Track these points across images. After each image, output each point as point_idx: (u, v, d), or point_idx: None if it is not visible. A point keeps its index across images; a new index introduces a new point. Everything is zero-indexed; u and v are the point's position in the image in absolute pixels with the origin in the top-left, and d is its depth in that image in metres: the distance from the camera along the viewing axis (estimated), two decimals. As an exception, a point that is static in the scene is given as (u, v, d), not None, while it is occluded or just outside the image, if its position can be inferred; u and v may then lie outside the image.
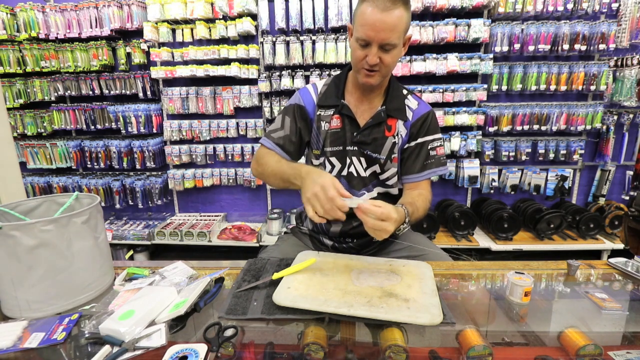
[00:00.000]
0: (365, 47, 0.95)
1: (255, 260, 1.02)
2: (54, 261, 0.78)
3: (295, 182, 0.94)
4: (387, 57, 0.96)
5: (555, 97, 2.68)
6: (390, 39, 0.92)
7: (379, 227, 0.80)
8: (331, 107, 1.11)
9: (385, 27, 0.90)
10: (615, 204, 2.65)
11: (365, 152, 1.10)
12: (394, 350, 0.64)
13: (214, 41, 2.70)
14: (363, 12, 0.91)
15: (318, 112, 1.12)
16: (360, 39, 0.94)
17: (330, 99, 1.11)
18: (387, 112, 1.09)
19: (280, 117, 1.14)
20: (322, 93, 1.13)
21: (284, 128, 1.11)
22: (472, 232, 2.62)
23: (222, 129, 2.83)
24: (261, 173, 1.08)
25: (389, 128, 1.09)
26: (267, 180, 1.09)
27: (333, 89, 1.13)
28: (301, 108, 1.13)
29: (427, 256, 1.13)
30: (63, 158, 2.95)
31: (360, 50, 0.96)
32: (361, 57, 0.97)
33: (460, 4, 2.41)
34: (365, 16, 0.91)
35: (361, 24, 0.92)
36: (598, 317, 0.79)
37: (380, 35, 0.91)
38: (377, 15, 0.89)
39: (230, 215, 3.14)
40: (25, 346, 0.67)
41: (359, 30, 0.93)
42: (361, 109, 1.11)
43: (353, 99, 1.11)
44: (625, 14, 2.46)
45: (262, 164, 1.08)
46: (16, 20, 2.73)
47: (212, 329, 0.71)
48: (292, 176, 0.95)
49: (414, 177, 1.11)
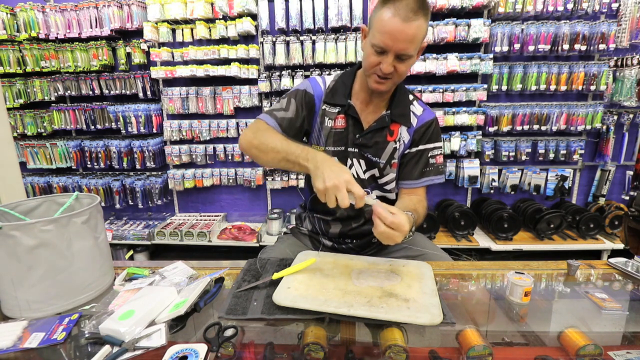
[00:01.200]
0: (381, 54, 0.92)
1: (255, 260, 1.02)
2: (54, 261, 0.78)
3: (303, 164, 0.86)
4: (401, 67, 0.94)
5: (555, 97, 2.68)
6: (407, 49, 0.90)
7: (389, 235, 0.79)
8: (337, 106, 1.09)
9: (404, 38, 0.88)
10: (615, 204, 2.65)
11: (366, 155, 1.09)
12: (394, 350, 0.64)
13: (214, 41, 2.70)
14: (383, 18, 0.88)
15: (323, 107, 1.10)
16: (377, 46, 0.91)
17: (337, 97, 1.09)
18: (392, 117, 1.08)
19: (286, 99, 1.09)
20: (329, 89, 1.11)
21: (289, 110, 1.07)
22: (472, 232, 2.62)
23: (222, 129, 2.83)
24: (257, 146, 0.96)
25: (391, 133, 1.09)
26: (259, 155, 0.97)
27: (341, 87, 1.10)
28: (309, 96, 1.10)
29: (427, 256, 1.13)
30: (63, 158, 2.95)
31: (374, 57, 0.93)
32: (375, 63, 0.94)
33: (460, 4, 2.41)
34: (384, 23, 0.88)
35: (380, 30, 0.89)
36: (598, 317, 0.79)
37: (398, 45, 0.89)
38: (397, 25, 0.86)
39: (230, 215, 3.14)
40: (25, 346, 0.67)
41: (377, 37, 0.90)
42: (366, 111, 1.10)
43: (359, 100, 1.10)
44: (625, 14, 2.45)
45: (261, 137, 0.97)
46: (16, 20, 2.73)
47: (212, 329, 0.71)
48: (301, 157, 0.87)
49: (411, 183, 1.11)
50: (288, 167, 0.92)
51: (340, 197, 0.76)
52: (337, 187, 0.76)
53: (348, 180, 0.77)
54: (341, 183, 0.76)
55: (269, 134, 0.98)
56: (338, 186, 0.76)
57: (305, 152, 0.87)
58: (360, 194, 0.77)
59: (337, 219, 1.16)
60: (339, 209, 1.14)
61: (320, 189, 0.78)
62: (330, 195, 0.77)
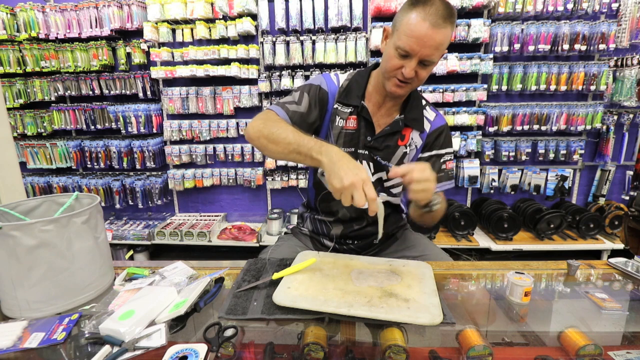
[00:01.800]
0: (404, 58, 0.90)
1: (255, 260, 1.02)
2: (54, 261, 0.78)
3: (316, 157, 0.82)
4: (423, 72, 0.93)
5: (555, 97, 2.68)
6: (432, 56, 0.89)
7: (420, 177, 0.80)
8: (350, 106, 1.07)
9: (432, 44, 0.86)
10: (615, 204, 2.65)
11: (376, 158, 1.08)
12: (394, 350, 0.64)
13: (214, 41, 2.70)
14: (411, 22, 0.86)
15: (336, 105, 1.08)
16: (402, 49, 0.89)
17: (351, 98, 1.07)
18: (405, 121, 1.06)
19: (299, 92, 1.05)
20: (343, 87, 1.09)
21: (301, 105, 1.03)
22: (472, 232, 2.62)
23: (222, 129, 2.83)
24: (267, 135, 0.91)
25: (402, 137, 1.08)
26: (267, 145, 0.92)
27: (355, 87, 1.08)
28: (323, 92, 1.07)
29: (427, 256, 1.13)
30: (63, 158, 2.95)
31: (397, 60, 0.91)
32: (397, 66, 0.92)
33: (460, 4, 2.41)
34: (412, 27, 0.86)
35: (407, 34, 0.87)
36: (598, 317, 0.79)
37: (424, 51, 0.87)
38: (426, 30, 0.85)
39: (230, 215, 3.14)
40: (25, 346, 0.67)
41: (403, 40, 0.88)
42: (378, 114, 1.08)
43: (372, 102, 1.08)
44: (625, 14, 2.46)
45: (271, 127, 0.92)
46: (16, 20, 2.73)
47: (212, 329, 0.71)
48: (314, 150, 0.83)
49: None
50: (298, 159, 0.87)
51: (358, 197, 0.73)
52: (355, 185, 0.73)
53: (365, 179, 0.75)
54: (359, 182, 0.74)
55: (280, 124, 0.93)
56: (356, 185, 0.73)
57: (319, 146, 0.83)
58: (373, 197, 0.75)
59: (339, 220, 1.16)
60: (341, 210, 1.14)
61: (337, 187, 0.75)
62: (347, 195, 0.75)
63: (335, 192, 0.76)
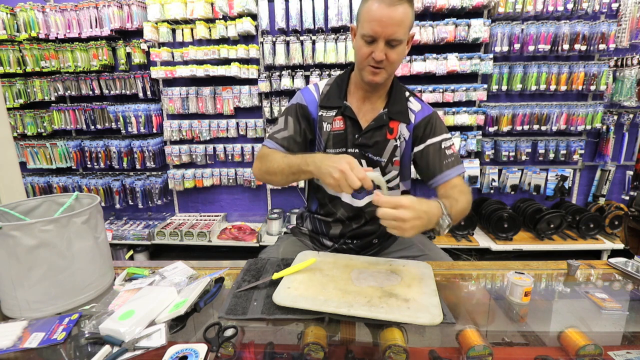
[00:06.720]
0: (372, 43, 0.94)
1: (255, 260, 1.02)
2: (54, 261, 0.78)
3: (306, 169, 0.90)
4: (392, 54, 0.96)
5: (555, 97, 2.68)
6: (396, 34, 0.92)
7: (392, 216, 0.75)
8: (333, 109, 1.10)
9: (392, 22, 0.90)
10: (615, 204, 2.65)
11: (367, 155, 1.09)
12: (394, 350, 0.64)
13: (214, 41, 2.70)
14: (369, 8, 0.92)
15: (320, 113, 1.11)
16: (367, 35, 0.93)
17: (332, 100, 1.10)
18: (390, 114, 1.08)
19: (282, 118, 1.12)
20: (324, 93, 1.12)
21: (287, 128, 1.10)
22: (472, 232, 2.62)
23: (222, 129, 2.83)
24: (265, 171, 1.03)
25: (391, 131, 1.08)
26: (271, 179, 1.04)
27: (335, 89, 1.11)
28: (303, 107, 1.12)
29: (427, 256, 1.13)
30: (63, 158, 2.95)
31: (366, 47, 0.95)
32: (367, 53, 0.96)
33: (460, 4, 2.41)
34: (371, 12, 0.91)
35: (367, 20, 0.92)
36: (598, 317, 0.79)
37: (387, 30, 0.91)
38: (384, 11, 0.90)
39: (230, 215, 3.14)
40: (25, 346, 0.67)
41: (365, 27, 0.93)
42: (363, 110, 1.10)
43: (355, 100, 1.10)
44: (625, 14, 2.46)
45: (266, 162, 1.03)
46: (16, 20, 2.73)
47: (212, 329, 0.71)
48: (303, 164, 0.91)
49: (440, 178, 1.06)
50: (297, 178, 0.97)
51: (351, 180, 0.78)
52: (344, 172, 0.79)
53: (350, 162, 0.81)
54: (346, 168, 0.79)
55: (272, 157, 1.03)
56: (345, 171, 0.79)
57: (304, 159, 0.91)
58: (362, 175, 0.79)
59: (338, 219, 1.16)
60: (340, 210, 1.14)
61: (332, 183, 0.81)
62: (344, 185, 0.80)
63: (332, 187, 0.82)
